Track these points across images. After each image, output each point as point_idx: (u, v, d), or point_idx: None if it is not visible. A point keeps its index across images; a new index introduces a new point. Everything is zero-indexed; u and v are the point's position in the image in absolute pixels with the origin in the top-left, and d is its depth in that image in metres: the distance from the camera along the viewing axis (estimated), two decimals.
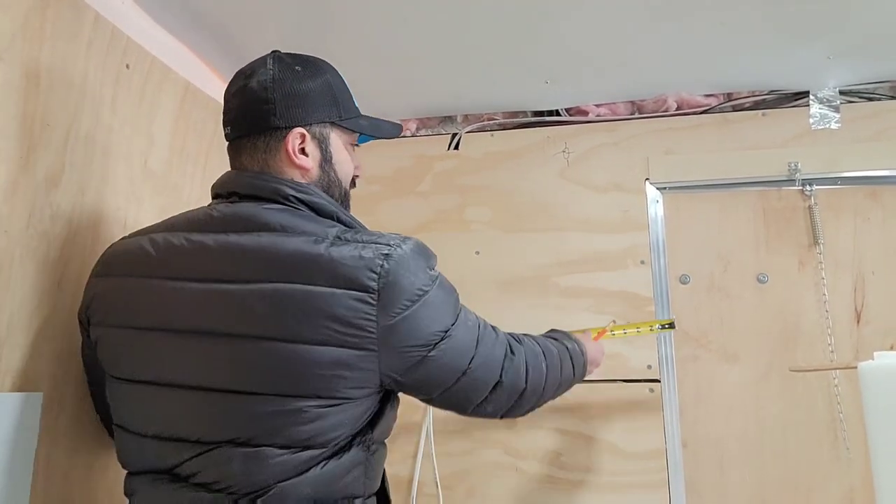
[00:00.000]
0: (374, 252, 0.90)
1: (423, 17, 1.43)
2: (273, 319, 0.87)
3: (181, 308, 0.92)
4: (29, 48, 1.07)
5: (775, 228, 1.74)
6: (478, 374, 0.98)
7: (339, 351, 0.87)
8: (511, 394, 1.05)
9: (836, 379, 1.64)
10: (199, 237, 0.94)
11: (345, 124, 1.06)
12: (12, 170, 1.03)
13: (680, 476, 1.66)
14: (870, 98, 1.74)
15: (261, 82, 1.00)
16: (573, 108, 1.88)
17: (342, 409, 0.89)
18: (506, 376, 1.02)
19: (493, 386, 1.01)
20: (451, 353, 0.95)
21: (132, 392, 0.96)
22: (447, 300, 0.98)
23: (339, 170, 1.06)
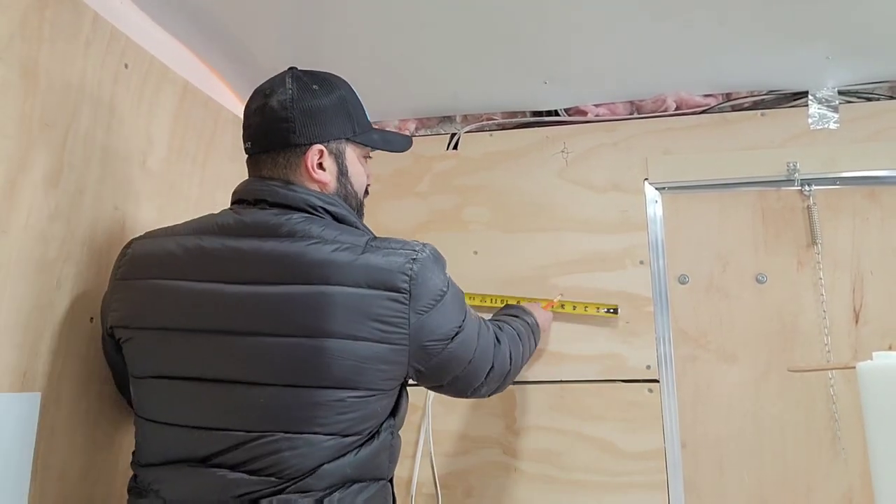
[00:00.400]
0: (405, 257, 1.00)
1: (422, 17, 1.43)
2: (318, 320, 0.95)
3: (222, 310, 0.98)
4: (27, 48, 1.07)
5: (774, 228, 1.75)
6: (478, 363, 1.13)
7: (378, 346, 0.97)
8: (500, 376, 1.22)
9: (833, 379, 1.64)
10: (234, 242, 1.02)
11: (359, 139, 1.13)
12: (11, 169, 1.03)
13: (679, 476, 1.66)
14: (868, 98, 1.74)
15: (280, 101, 1.07)
16: (572, 109, 1.88)
17: (377, 399, 1.01)
18: (496, 362, 1.18)
19: (488, 371, 1.17)
20: (463, 345, 1.08)
21: (169, 388, 1.01)
22: (459, 298, 1.10)
23: (354, 182, 1.13)
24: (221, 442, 0.96)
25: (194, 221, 1.09)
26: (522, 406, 1.75)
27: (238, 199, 1.10)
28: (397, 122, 1.96)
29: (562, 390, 1.74)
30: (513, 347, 1.27)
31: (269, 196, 1.06)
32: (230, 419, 0.96)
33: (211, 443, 0.96)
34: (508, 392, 1.76)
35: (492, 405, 1.77)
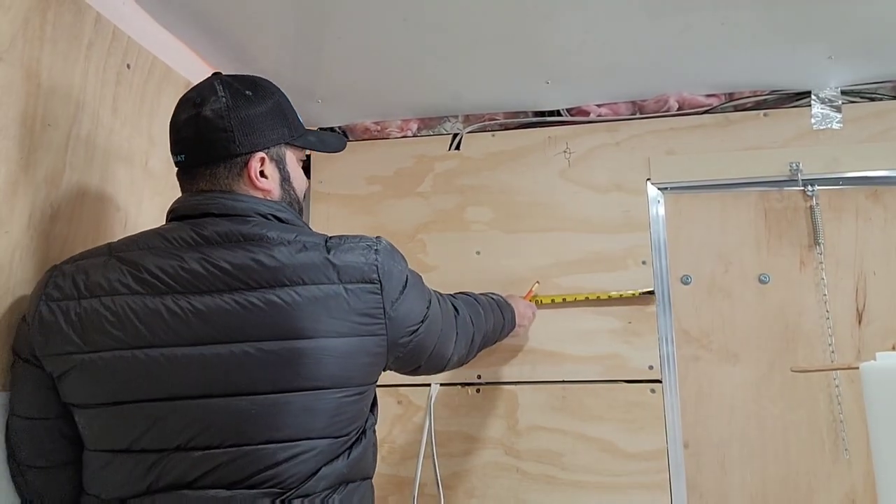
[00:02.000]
0: (369, 250, 1.01)
1: (424, 17, 1.43)
2: (297, 321, 0.93)
3: (191, 324, 0.92)
4: (30, 49, 1.07)
5: (777, 229, 1.74)
6: (445, 336, 1.17)
7: (360, 340, 0.98)
8: (465, 343, 1.26)
9: (837, 380, 1.64)
10: (193, 254, 0.95)
11: (297, 142, 1.11)
12: (13, 170, 1.03)
13: (681, 477, 1.66)
14: (871, 98, 1.74)
15: (215, 111, 1.00)
16: (574, 109, 1.88)
17: (367, 394, 1.03)
18: (459, 329, 1.23)
19: (455, 340, 1.21)
20: (433, 324, 1.12)
21: (137, 412, 0.92)
22: (420, 281, 1.12)
23: (296, 187, 1.12)
24: (211, 461, 0.90)
25: (137, 238, 1.00)
26: (524, 407, 1.75)
27: (181, 216, 1.02)
28: (399, 121, 1.96)
29: (564, 391, 1.74)
30: (472, 312, 1.32)
31: (215, 208, 1.00)
32: (216, 435, 0.91)
33: (200, 464, 0.90)
34: (510, 393, 1.76)
35: (494, 406, 1.77)
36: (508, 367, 1.77)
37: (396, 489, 1.76)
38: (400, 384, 1.80)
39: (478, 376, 1.78)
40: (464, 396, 1.79)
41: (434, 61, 1.63)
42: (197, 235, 0.97)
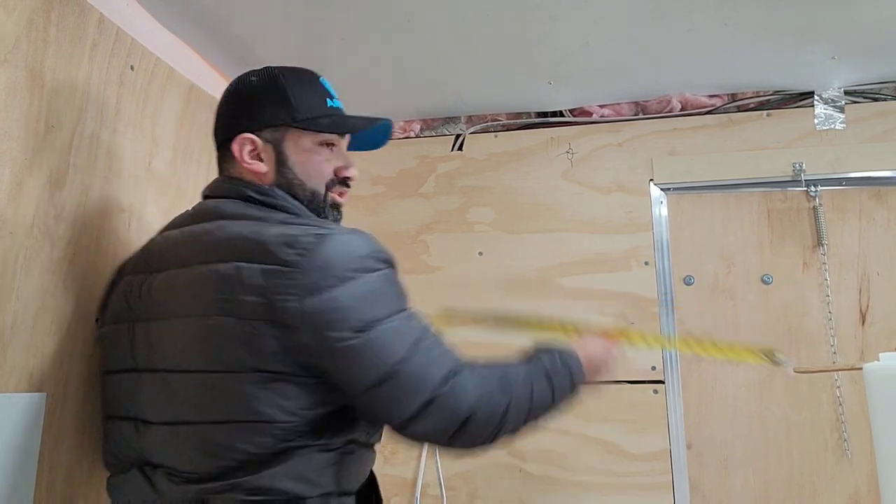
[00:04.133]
0: (307, 233, 0.90)
1: (427, 18, 1.43)
2: (215, 297, 0.91)
3: (158, 295, 0.99)
4: (33, 50, 1.07)
5: (780, 229, 1.74)
6: (404, 383, 0.89)
7: (233, 322, 0.89)
8: (448, 418, 0.91)
9: (840, 380, 1.64)
10: (174, 231, 1.04)
11: (300, 125, 1.03)
12: (17, 171, 1.03)
13: (684, 477, 1.65)
14: (875, 98, 1.73)
15: (221, 99, 1.09)
16: (577, 109, 1.88)
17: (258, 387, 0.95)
18: (440, 396, 0.90)
19: (424, 403, 0.90)
20: (382, 346, 0.89)
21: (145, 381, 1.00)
22: (392, 293, 0.94)
23: (299, 171, 1.04)
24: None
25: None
26: None
27: (203, 196, 1.12)
28: (402, 122, 1.97)
29: None
30: (484, 390, 0.96)
31: (210, 191, 1.08)
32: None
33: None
34: None
35: None
36: None
37: (399, 490, 1.77)
38: None
39: None
40: None
41: (437, 62, 1.63)
42: (183, 213, 1.07)
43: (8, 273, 1.01)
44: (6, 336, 1.01)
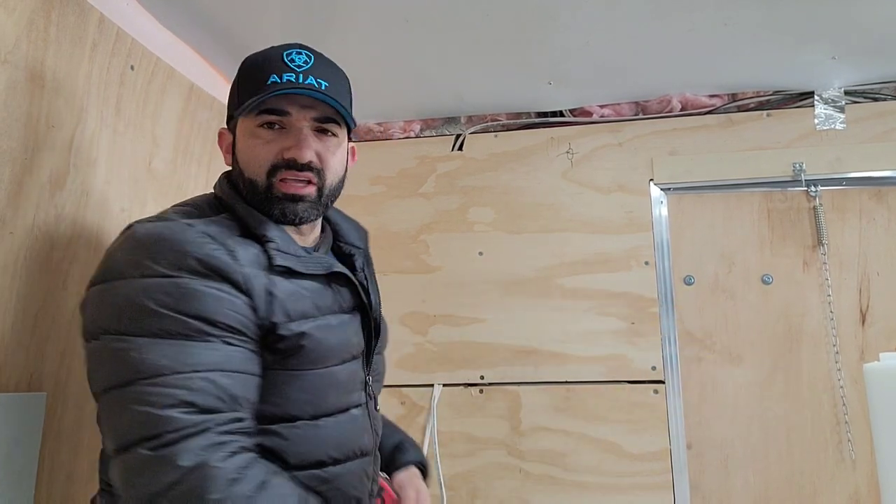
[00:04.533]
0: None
1: (426, 18, 1.43)
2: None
3: None
4: (34, 50, 1.07)
5: (780, 229, 1.74)
6: (104, 419, 0.81)
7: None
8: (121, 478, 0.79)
9: (841, 381, 1.64)
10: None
11: (240, 113, 0.95)
12: (17, 171, 1.03)
13: (684, 477, 1.65)
14: (875, 98, 1.73)
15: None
16: (577, 109, 1.88)
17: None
18: (151, 471, 0.76)
19: (113, 451, 0.79)
20: (97, 364, 0.83)
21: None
22: (144, 298, 0.81)
23: (241, 159, 0.97)
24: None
25: None
26: (528, 407, 1.75)
27: None
28: (402, 122, 1.96)
29: (567, 391, 1.74)
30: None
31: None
32: None
33: None
34: (513, 393, 1.76)
35: (497, 406, 1.77)
36: (511, 367, 1.77)
37: None
38: (403, 385, 1.80)
39: (481, 377, 1.78)
40: (467, 397, 1.79)
41: (436, 62, 1.63)
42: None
43: (8, 273, 1.01)
44: (6, 336, 1.01)
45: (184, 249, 0.84)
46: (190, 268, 0.83)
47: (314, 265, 0.96)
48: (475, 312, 1.82)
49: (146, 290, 0.81)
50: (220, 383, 0.80)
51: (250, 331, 0.86)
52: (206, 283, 0.83)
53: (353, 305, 1.02)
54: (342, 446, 0.95)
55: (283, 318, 0.89)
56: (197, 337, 0.81)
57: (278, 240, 0.93)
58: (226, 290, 0.84)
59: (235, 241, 0.89)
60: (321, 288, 0.97)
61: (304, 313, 0.92)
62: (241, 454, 0.79)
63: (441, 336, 1.82)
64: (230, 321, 0.83)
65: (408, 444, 1.20)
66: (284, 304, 0.90)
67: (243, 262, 0.87)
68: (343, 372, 0.97)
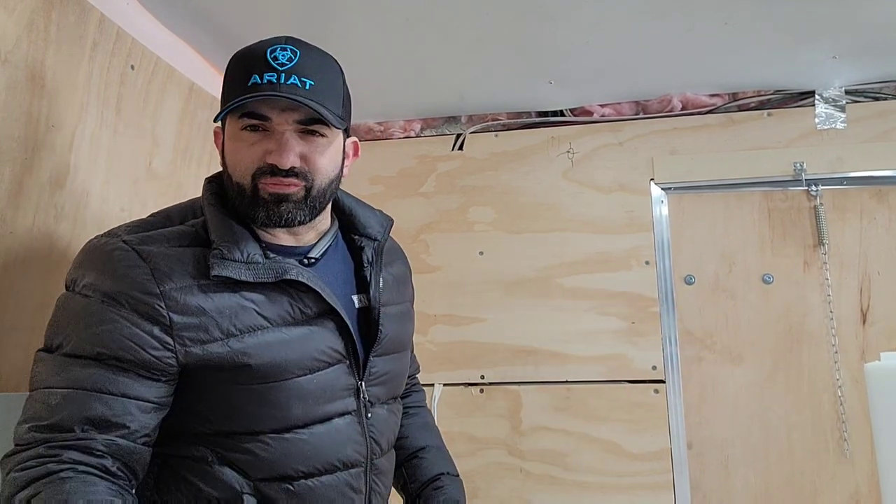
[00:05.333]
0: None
1: (426, 17, 1.43)
2: None
3: None
4: (34, 50, 1.07)
5: (780, 229, 1.74)
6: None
7: None
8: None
9: (841, 380, 1.64)
10: None
11: (221, 115, 0.92)
12: (17, 171, 1.03)
13: (685, 477, 1.65)
14: (876, 98, 1.73)
15: None
16: (577, 109, 1.88)
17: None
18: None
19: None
20: (34, 371, 0.86)
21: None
22: (63, 316, 0.86)
23: (228, 161, 0.94)
24: None
25: None
26: (528, 407, 1.75)
27: None
28: (402, 122, 1.96)
29: (567, 391, 1.74)
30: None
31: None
32: None
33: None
34: (514, 393, 1.76)
35: (497, 406, 1.77)
36: (512, 367, 1.77)
37: None
38: None
39: (481, 376, 1.78)
40: (467, 396, 1.79)
41: (437, 62, 1.63)
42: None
43: (8, 272, 1.01)
44: (6, 336, 1.01)
45: (104, 271, 0.85)
46: (103, 290, 0.84)
47: (264, 272, 0.90)
48: (475, 312, 1.82)
49: (65, 308, 0.86)
50: (74, 401, 0.80)
51: (147, 361, 0.84)
52: (112, 308, 0.84)
53: (320, 311, 0.94)
54: (315, 459, 0.92)
55: (218, 336, 0.87)
56: (83, 357, 0.82)
57: (226, 247, 0.89)
58: (128, 318, 0.84)
59: (171, 257, 0.87)
60: (272, 297, 0.91)
61: (249, 327, 0.88)
62: (41, 467, 0.78)
63: (441, 336, 1.82)
64: (123, 348, 0.83)
65: (446, 481, 1.14)
66: (218, 320, 0.87)
67: (168, 283, 0.85)
68: (313, 382, 0.92)
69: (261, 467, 0.89)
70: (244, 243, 0.90)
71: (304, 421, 0.92)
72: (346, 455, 0.95)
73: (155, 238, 0.89)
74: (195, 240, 0.91)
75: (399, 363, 1.08)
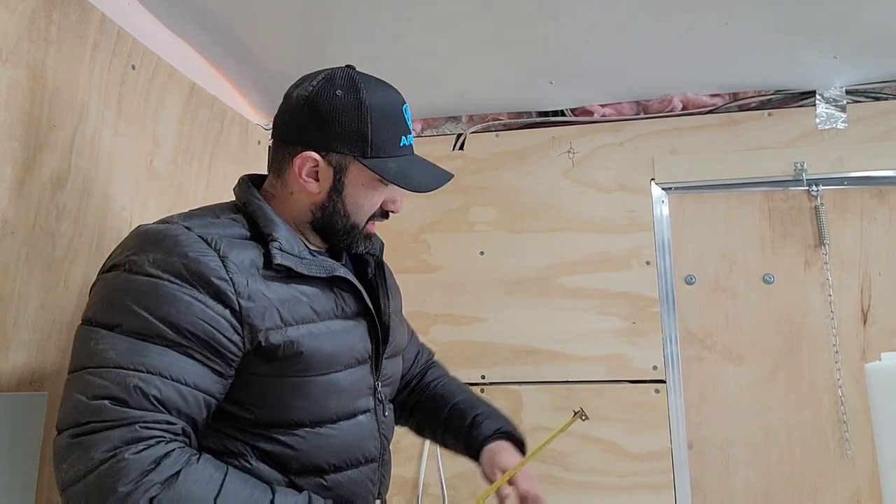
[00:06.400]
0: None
1: (428, 18, 1.43)
2: None
3: None
4: (35, 50, 1.07)
5: (781, 229, 1.74)
6: (64, 399, 0.83)
7: None
8: (56, 463, 0.80)
9: (841, 380, 1.64)
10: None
11: (367, 163, 0.97)
12: (18, 170, 1.03)
13: (685, 477, 1.65)
14: (876, 97, 1.73)
15: (300, 95, 1.00)
16: (578, 109, 1.88)
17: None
18: (61, 438, 0.79)
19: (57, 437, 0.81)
20: (73, 348, 0.85)
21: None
22: (123, 294, 0.84)
23: (348, 202, 1.00)
24: None
25: None
26: (529, 407, 1.75)
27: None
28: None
29: (568, 391, 1.74)
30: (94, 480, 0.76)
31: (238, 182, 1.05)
32: None
33: None
34: (514, 393, 1.76)
35: (498, 406, 1.76)
36: (512, 367, 1.77)
37: (400, 490, 1.77)
38: None
39: (482, 376, 1.78)
40: None
41: (438, 62, 1.63)
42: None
43: (9, 272, 1.01)
44: (8, 335, 1.01)
45: (172, 252, 0.85)
46: (174, 271, 0.84)
47: (317, 267, 0.95)
48: (476, 312, 1.82)
49: (126, 286, 0.84)
50: (153, 386, 0.80)
51: (220, 344, 0.85)
52: (185, 289, 0.84)
53: (357, 311, 1.01)
54: (344, 453, 0.97)
55: (278, 324, 0.89)
56: (154, 339, 0.82)
57: (283, 240, 0.94)
58: (202, 300, 0.84)
59: (233, 244, 0.90)
60: (322, 292, 0.96)
61: (302, 318, 0.92)
62: (158, 446, 0.78)
63: (442, 335, 1.82)
64: (196, 330, 0.83)
65: (481, 418, 1.22)
66: (279, 309, 0.90)
67: (234, 268, 0.87)
68: (347, 378, 0.97)
69: (296, 460, 0.92)
70: (292, 239, 0.96)
71: (336, 416, 0.96)
72: (367, 450, 1.01)
73: (214, 225, 0.92)
74: (245, 233, 0.94)
75: (399, 366, 1.16)
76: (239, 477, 0.84)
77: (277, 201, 1.01)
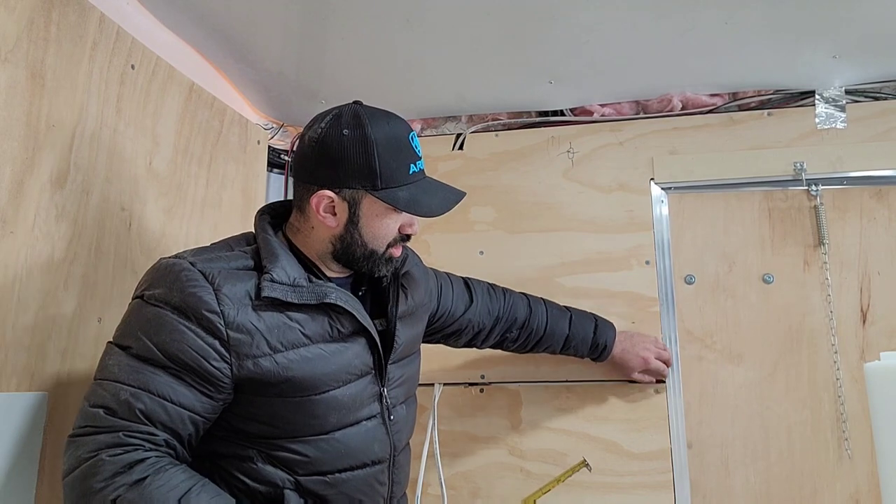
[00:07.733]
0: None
1: (427, 18, 1.43)
2: None
3: None
4: (34, 49, 1.07)
5: (781, 228, 1.74)
6: (84, 401, 0.96)
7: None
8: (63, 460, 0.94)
9: (841, 380, 1.64)
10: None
11: (378, 195, 1.05)
12: (18, 170, 1.03)
13: (685, 477, 1.65)
14: (876, 97, 1.73)
15: (310, 138, 1.07)
16: (578, 108, 1.88)
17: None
18: (69, 443, 0.94)
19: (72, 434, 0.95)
20: (101, 360, 0.98)
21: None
22: (136, 320, 0.98)
23: (365, 232, 1.08)
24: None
25: None
26: (528, 406, 1.75)
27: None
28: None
29: (568, 391, 1.74)
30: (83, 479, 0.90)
31: (263, 208, 1.16)
32: None
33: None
34: (514, 392, 1.76)
35: (498, 406, 1.77)
36: (512, 366, 1.77)
37: None
38: None
39: (481, 376, 1.78)
40: (468, 396, 1.79)
41: (437, 61, 1.63)
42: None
43: (9, 273, 1.01)
44: (7, 336, 1.01)
45: (173, 287, 0.97)
46: (173, 304, 0.96)
47: (308, 295, 1.02)
48: None
49: (138, 314, 0.98)
50: (140, 401, 0.92)
51: (206, 370, 0.96)
52: (181, 320, 0.95)
53: (354, 329, 1.07)
54: (348, 457, 1.06)
55: (266, 351, 0.99)
56: (150, 362, 0.94)
57: (279, 271, 1.01)
58: (194, 330, 0.95)
59: (232, 276, 0.99)
60: (313, 317, 1.04)
61: (293, 343, 1.01)
62: (135, 452, 0.91)
63: None
64: (185, 357, 0.95)
65: (575, 334, 1.58)
66: (266, 337, 0.99)
67: (227, 300, 0.97)
68: (345, 394, 1.05)
69: (301, 465, 1.03)
70: (291, 269, 1.03)
71: (339, 426, 1.06)
72: (373, 453, 1.09)
73: (216, 261, 1.02)
74: (249, 264, 1.04)
75: (411, 366, 1.23)
76: (210, 490, 0.94)
77: (301, 235, 1.10)
